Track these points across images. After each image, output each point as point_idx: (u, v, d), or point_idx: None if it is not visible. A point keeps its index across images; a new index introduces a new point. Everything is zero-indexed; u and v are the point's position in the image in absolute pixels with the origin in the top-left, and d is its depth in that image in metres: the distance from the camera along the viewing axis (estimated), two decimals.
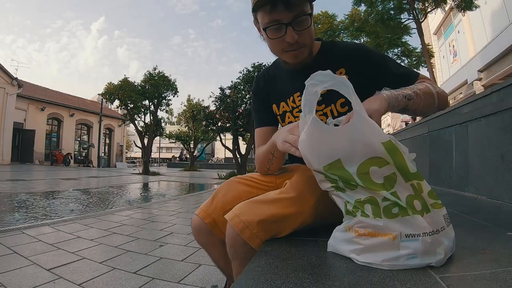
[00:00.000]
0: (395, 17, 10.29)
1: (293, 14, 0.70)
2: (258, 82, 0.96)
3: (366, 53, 0.82)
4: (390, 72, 0.79)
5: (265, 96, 0.93)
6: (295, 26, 0.71)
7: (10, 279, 1.48)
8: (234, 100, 10.33)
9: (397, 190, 0.51)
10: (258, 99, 0.95)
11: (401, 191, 0.51)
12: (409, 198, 0.51)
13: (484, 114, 1.89)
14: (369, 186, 0.52)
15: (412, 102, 0.66)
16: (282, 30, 0.72)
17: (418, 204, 0.51)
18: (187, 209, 3.86)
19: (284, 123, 0.90)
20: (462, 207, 1.44)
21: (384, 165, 0.51)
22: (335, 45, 0.87)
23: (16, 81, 13.65)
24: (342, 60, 0.82)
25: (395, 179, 0.51)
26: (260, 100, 0.95)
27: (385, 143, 0.51)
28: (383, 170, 0.51)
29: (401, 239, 0.49)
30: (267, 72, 0.95)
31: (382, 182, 0.51)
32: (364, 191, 0.53)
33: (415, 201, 0.51)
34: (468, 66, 11.86)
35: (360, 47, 0.84)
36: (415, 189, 0.52)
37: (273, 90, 0.92)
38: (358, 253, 0.53)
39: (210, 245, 0.88)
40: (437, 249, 0.50)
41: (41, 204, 3.99)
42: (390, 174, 0.51)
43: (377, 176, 0.51)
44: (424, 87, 0.71)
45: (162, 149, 39.79)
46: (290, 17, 0.70)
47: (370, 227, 0.52)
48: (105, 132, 20.98)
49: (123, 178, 9.89)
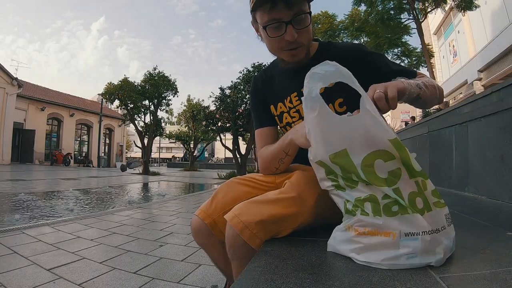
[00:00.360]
0: (395, 17, 10.30)
1: (293, 12, 0.71)
2: (256, 83, 0.97)
3: (364, 53, 0.82)
4: (390, 70, 0.79)
5: (263, 97, 0.94)
6: (295, 24, 0.72)
7: (10, 279, 1.48)
8: (234, 100, 10.33)
9: (400, 186, 0.51)
10: (257, 100, 0.96)
11: (404, 187, 0.51)
12: (412, 195, 0.51)
13: (484, 114, 1.89)
14: (371, 180, 0.51)
15: (423, 91, 0.67)
16: (282, 28, 0.72)
17: (420, 202, 0.51)
18: (187, 209, 3.86)
19: (281, 124, 0.91)
20: (462, 207, 1.44)
21: (390, 159, 0.51)
22: (332, 45, 0.87)
23: (16, 81, 13.65)
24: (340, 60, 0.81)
25: (400, 174, 0.51)
26: (259, 101, 0.95)
27: (392, 140, 0.51)
28: (388, 164, 0.51)
29: (400, 237, 0.49)
30: (264, 73, 0.96)
31: (385, 177, 0.51)
32: (364, 188, 0.53)
33: (418, 198, 0.51)
34: (468, 66, 11.87)
35: (357, 47, 0.84)
36: (419, 186, 0.52)
37: (270, 91, 0.92)
38: (358, 252, 0.53)
39: (210, 246, 0.88)
40: (437, 249, 0.50)
41: (41, 204, 3.99)
42: (395, 169, 0.51)
43: (381, 170, 0.51)
44: (427, 80, 0.73)
45: (162, 149, 39.81)
46: (290, 15, 0.71)
47: (370, 226, 0.52)
48: (105, 132, 20.98)
49: (123, 178, 9.89)
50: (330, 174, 0.58)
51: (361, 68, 0.79)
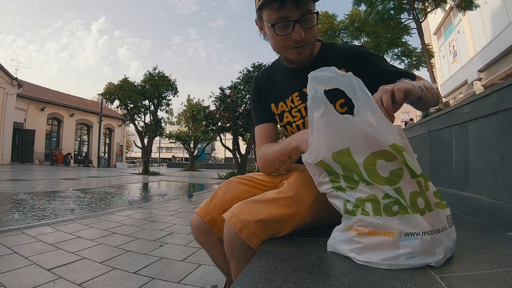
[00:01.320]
0: (395, 17, 10.28)
1: (301, 11, 0.72)
2: (257, 82, 0.97)
3: (366, 54, 0.84)
4: (391, 72, 0.81)
5: (264, 95, 0.94)
6: (302, 23, 0.73)
7: (10, 279, 1.48)
8: (234, 100, 10.34)
9: (401, 186, 0.51)
10: (258, 97, 0.96)
11: (405, 187, 0.51)
12: (413, 195, 0.51)
13: (484, 114, 1.89)
14: (373, 179, 0.52)
15: (424, 93, 0.70)
16: (289, 27, 0.73)
17: (421, 202, 0.51)
18: (187, 209, 3.86)
19: (282, 122, 0.91)
20: (462, 207, 1.44)
21: (392, 159, 0.51)
22: (335, 46, 0.88)
23: (16, 81, 13.65)
24: (343, 60, 0.83)
25: (402, 175, 0.52)
26: (260, 99, 0.95)
27: (391, 146, 0.51)
28: (390, 165, 0.52)
29: (400, 237, 0.49)
30: (266, 73, 0.96)
31: (387, 176, 0.51)
32: (365, 188, 0.53)
33: (419, 198, 0.51)
34: (468, 66, 11.87)
35: (360, 49, 0.86)
36: (421, 186, 0.52)
37: (272, 90, 0.93)
38: (358, 252, 0.53)
39: (209, 244, 0.88)
40: (437, 249, 0.50)
41: (41, 204, 3.99)
42: (396, 169, 0.52)
43: (383, 169, 0.51)
44: (426, 83, 0.75)
45: (162, 149, 39.83)
46: (298, 14, 0.72)
47: (370, 226, 0.52)
48: (105, 132, 20.97)
49: (123, 178, 9.89)
50: (331, 175, 0.58)
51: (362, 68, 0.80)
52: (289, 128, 0.89)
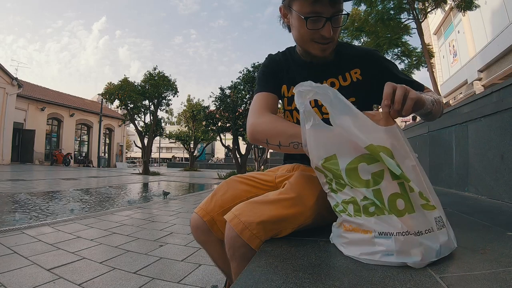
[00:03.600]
0: (395, 17, 10.26)
1: (334, 10, 0.73)
2: (274, 58, 0.94)
3: (380, 58, 0.87)
4: (403, 79, 0.82)
5: (279, 72, 0.91)
6: (333, 22, 0.74)
7: (10, 279, 1.48)
8: (234, 100, 10.34)
9: (381, 187, 0.53)
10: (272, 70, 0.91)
11: (385, 189, 0.53)
12: (392, 196, 0.52)
13: (484, 114, 1.89)
14: (352, 182, 0.55)
15: (434, 108, 0.71)
16: (320, 22, 0.74)
17: (401, 203, 0.52)
18: (187, 209, 3.86)
19: (289, 107, 0.88)
20: (462, 207, 1.44)
21: (374, 162, 0.54)
22: (350, 46, 0.91)
23: (16, 81, 13.64)
24: (357, 60, 0.85)
25: (383, 176, 0.53)
26: (273, 72, 0.91)
27: (367, 148, 0.53)
28: (372, 167, 0.54)
29: (375, 236, 0.52)
30: (282, 56, 0.94)
31: (368, 179, 0.54)
32: (349, 191, 0.57)
33: (399, 200, 0.52)
34: (468, 66, 11.87)
35: (374, 52, 0.89)
36: (403, 188, 0.53)
37: (286, 73, 0.91)
38: (345, 246, 0.58)
39: (208, 244, 0.88)
40: (412, 250, 0.50)
41: (41, 204, 3.99)
42: (378, 171, 0.54)
43: (364, 172, 0.54)
44: (435, 95, 0.78)
45: (162, 149, 39.82)
46: (331, 12, 0.73)
47: (353, 224, 0.57)
48: (105, 132, 20.97)
49: (123, 178, 9.89)
50: (327, 178, 0.62)
51: (374, 71, 0.84)
52: (295, 114, 0.88)
